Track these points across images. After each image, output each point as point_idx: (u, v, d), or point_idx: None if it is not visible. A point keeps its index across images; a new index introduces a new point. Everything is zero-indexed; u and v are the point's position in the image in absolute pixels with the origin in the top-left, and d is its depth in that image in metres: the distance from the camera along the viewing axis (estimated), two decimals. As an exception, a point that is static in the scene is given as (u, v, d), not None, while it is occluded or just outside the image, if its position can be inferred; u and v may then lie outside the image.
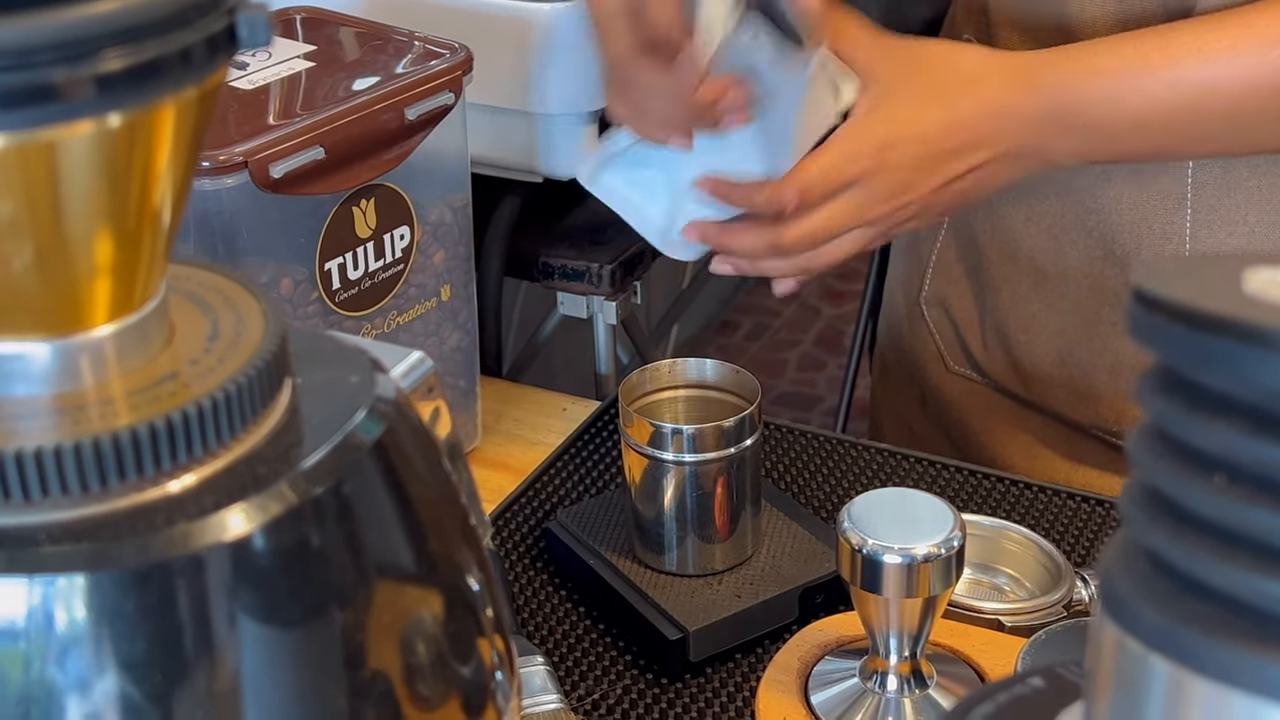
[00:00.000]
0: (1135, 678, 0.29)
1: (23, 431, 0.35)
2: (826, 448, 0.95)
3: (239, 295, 0.39)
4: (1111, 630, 0.30)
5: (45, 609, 0.35)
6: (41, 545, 0.34)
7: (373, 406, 0.39)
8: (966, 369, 1.02)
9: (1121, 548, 0.30)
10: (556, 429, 0.99)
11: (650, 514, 0.81)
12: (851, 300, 2.84)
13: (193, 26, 0.33)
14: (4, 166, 0.33)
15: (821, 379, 2.69)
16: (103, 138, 0.34)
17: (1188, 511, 0.28)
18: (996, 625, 0.72)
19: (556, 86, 1.04)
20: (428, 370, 0.43)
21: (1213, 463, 0.28)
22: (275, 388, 0.38)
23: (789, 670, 0.68)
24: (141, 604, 0.35)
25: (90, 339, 0.36)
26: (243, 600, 0.36)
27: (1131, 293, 0.29)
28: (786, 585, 0.80)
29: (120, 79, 0.33)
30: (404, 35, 0.92)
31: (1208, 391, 0.28)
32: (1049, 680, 0.36)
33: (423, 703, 0.41)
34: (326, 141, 0.81)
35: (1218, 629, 0.27)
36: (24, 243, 0.35)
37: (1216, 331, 0.27)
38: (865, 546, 0.62)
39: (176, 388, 0.36)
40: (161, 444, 0.35)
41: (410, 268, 0.89)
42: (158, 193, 0.36)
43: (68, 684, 0.35)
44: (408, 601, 0.40)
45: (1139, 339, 0.29)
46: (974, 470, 0.92)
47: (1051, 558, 0.76)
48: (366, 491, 0.38)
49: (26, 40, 0.31)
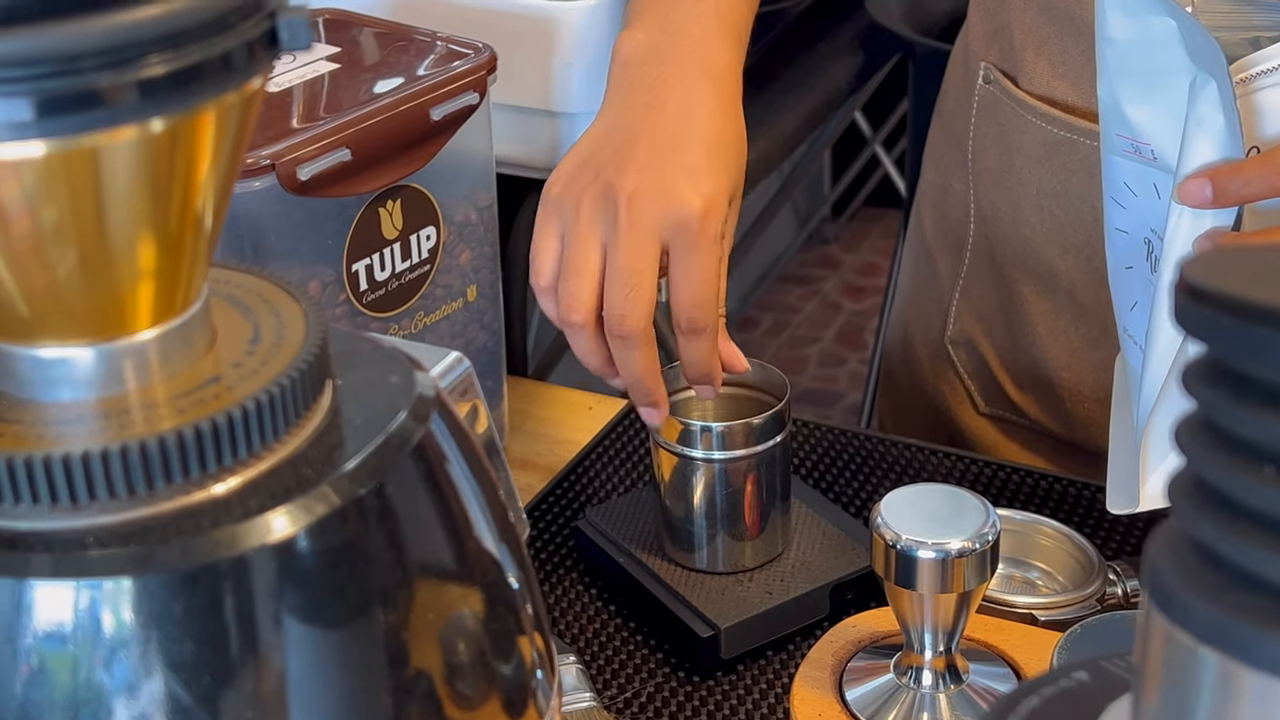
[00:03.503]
0: (1184, 671, 0.29)
1: (69, 436, 0.35)
2: (855, 443, 0.95)
3: (279, 298, 0.40)
4: (1160, 623, 0.29)
5: (93, 612, 0.35)
6: (89, 549, 0.34)
7: (413, 407, 0.39)
8: (1000, 409, 0.99)
9: (1169, 540, 0.30)
10: (583, 428, 0.99)
11: (680, 512, 0.81)
12: (872, 295, 2.84)
13: (234, 31, 0.33)
14: (49, 173, 0.33)
15: (843, 375, 2.69)
16: (146, 143, 0.34)
17: (1236, 503, 0.28)
18: (1030, 620, 0.72)
19: (580, 85, 1.04)
20: (465, 370, 0.43)
21: (1262, 454, 0.28)
22: (317, 389, 0.38)
23: (823, 666, 0.68)
24: (188, 606, 0.35)
25: (134, 343, 0.37)
26: (288, 601, 0.36)
27: (1177, 284, 0.29)
28: (817, 582, 0.80)
29: (163, 84, 0.33)
30: (427, 36, 0.93)
31: (1256, 382, 0.28)
32: (1094, 674, 0.36)
33: (465, 702, 0.41)
34: (353, 143, 0.81)
35: (1268, 620, 0.27)
36: (68, 248, 0.35)
37: (1264, 322, 0.27)
38: (899, 542, 0.62)
39: (220, 390, 0.36)
40: (206, 447, 0.35)
41: (436, 268, 0.89)
42: (199, 197, 0.36)
43: (116, 686, 0.35)
44: (450, 600, 0.40)
45: (1186, 330, 0.29)
46: (1003, 465, 0.91)
47: (1084, 551, 0.76)
48: (409, 491, 0.39)
49: (72, 46, 0.31)
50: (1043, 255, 0.92)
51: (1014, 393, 0.97)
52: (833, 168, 2.97)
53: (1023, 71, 0.91)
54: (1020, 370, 0.97)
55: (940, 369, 1.02)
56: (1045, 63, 0.89)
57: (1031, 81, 0.90)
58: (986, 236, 0.97)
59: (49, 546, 0.35)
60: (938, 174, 1.01)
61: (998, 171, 0.94)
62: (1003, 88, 0.93)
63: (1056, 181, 0.90)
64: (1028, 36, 0.90)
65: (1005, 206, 0.94)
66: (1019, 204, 0.93)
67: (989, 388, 0.99)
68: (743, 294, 2.83)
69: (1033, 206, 0.92)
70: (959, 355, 1.01)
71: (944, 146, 1.01)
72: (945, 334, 1.01)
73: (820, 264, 2.99)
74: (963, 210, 0.98)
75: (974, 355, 1.00)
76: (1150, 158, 0.72)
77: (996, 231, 0.96)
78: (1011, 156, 0.93)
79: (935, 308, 1.02)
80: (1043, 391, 0.95)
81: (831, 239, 3.04)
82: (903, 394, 1.08)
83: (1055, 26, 0.88)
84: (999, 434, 1.00)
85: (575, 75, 1.03)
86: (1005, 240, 0.95)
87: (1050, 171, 0.90)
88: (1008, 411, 0.99)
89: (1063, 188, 0.90)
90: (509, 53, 0.92)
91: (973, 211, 0.97)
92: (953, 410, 1.02)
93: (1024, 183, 0.92)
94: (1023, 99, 0.91)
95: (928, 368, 1.04)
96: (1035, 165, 0.91)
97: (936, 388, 1.03)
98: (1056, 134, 0.89)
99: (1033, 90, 0.90)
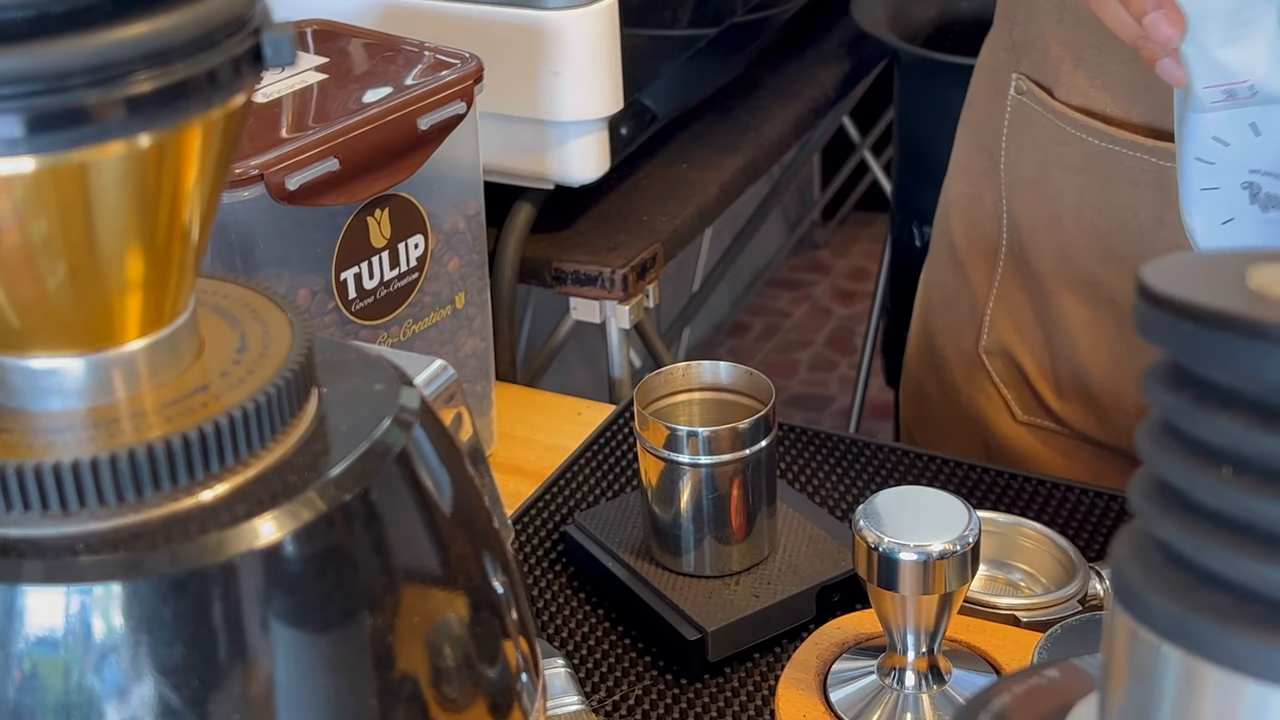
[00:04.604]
0: (1148, 667, 0.30)
1: (60, 444, 0.36)
2: (840, 448, 0.95)
3: (265, 307, 0.40)
4: (1124, 621, 0.30)
5: (83, 617, 0.35)
6: (80, 555, 0.35)
7: (398, 414, 0.40)
8: (1038, 418, 0.98)
9: (1133, 540, 0.31)
10: (571, 433, 1.00)
11: (667, 516, 0.82)
12: (862, 300, 2.85)
13: (220, 48, 0.34)
14: (38, 187, 0.34)
15: (834, 379, 2.70)
16: (133, 158, 0.35)
17: (1197, 503, 0.29)
18: (1012, 620, 0.73)
19: (566, 94, 1.05)
20: (450, 378, 0.44)
21: (1220, 455, 0.28)
22: (303, 397, 0.39)
23: (808, 668, 0.68)
24: (177, 611, 0.36)
25: (123, 353, 0.37)
26: (275, 605, 0.37)
27: (1137, 290, 0.30)
28: (803, 585, 0.80)
29: (150, 101, 0.34)
30: (414, 46, 0.93)
31: (1214, 386, 0.28)
32: (1064, 672, 0.37)
33: (450, 705, 0.42)
34: (341, 153, 0.82)
35: (1229, 618, 0.28)
36: (57, 261, 0.36)
37: (1222, 327, 0.28)
38: (881, 544, 0.63)
39: (208, 399, 0.37)
40: (195, 454, 0.36)
41: (425, 276, 0.90)
42: (186, 210, 0.37)
43: (107, 690, 0.36)
44: (435, 604, 0.41)
45: (1146, 336, 0.30)
46: (987, 468, 0.92)
47: (1066, 553, 0.77)
48: (394, 497, 0.39)
49: (63, 65, 0.32)
50: (1083, 265, 0.92)
51: (1053, 401, 0.97)
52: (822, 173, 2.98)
53: (1059, 83, 0.90)
54: (1060, 379, 0.96)
55: (975, 379, 1.01)
56: (1083, 74, 0.89)
57: (1069, 93, 0.90)
58: (1021, 246, 0.96)
59: (40, 553, 0.35)
60: (967, 184, 1.00)
61: (1033, 182, 0.94)
62: (1037, 98, 0.92)
63: (1097, 192, 0.89)
64: (1064, 48, 0.89)
65: (1042, 217, 0.94)
66: (1057, 214, 0.92)
67: (1026, 397, 0.99)
68: (733, 299, 2.83)
69: (1072, 217, 0.91)
70: (994, 365, 1.00)
71: (973, 156, 1.00)
72: (979, 344, 1.00)
73: (810, 269, 3.00)
74: (994, 220, 0.97)
75: (1010, 364, 0.99)
76: (1248, 95, 0.72)
77: (1032, 241, 0.95)
78: (1048, 167, 0.92)
79: (968, 318, 1.01)
80: (1084, 400, 0.95)
81: (821, 244, 3.05)
82: (932, 405, 1.07)
83: (1094, 37, 0.87)
84: (1037, 442, 0.99)
85: (561, 84, 1.04)
86: (1042, 250, 0.94)
87: (1090, 182, 0.90)
88: (1046, 420, 0.98)
89: (1104, 199, 0.89)
90: (495, 62, 0.93)
91: (1005, 221, 0.97)
92: (988, 420, 1.01)
93: (1062, 193, 0.92)
94: (1060, 110, 0.90)
95: (960, 378, 1.03)
96: (1074, 176, 0.90)
97: (971, 398, 1.02)
98: (1097, 145, 0.88)
99: (1070, 101, 0.90)
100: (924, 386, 1.08)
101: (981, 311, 1.00)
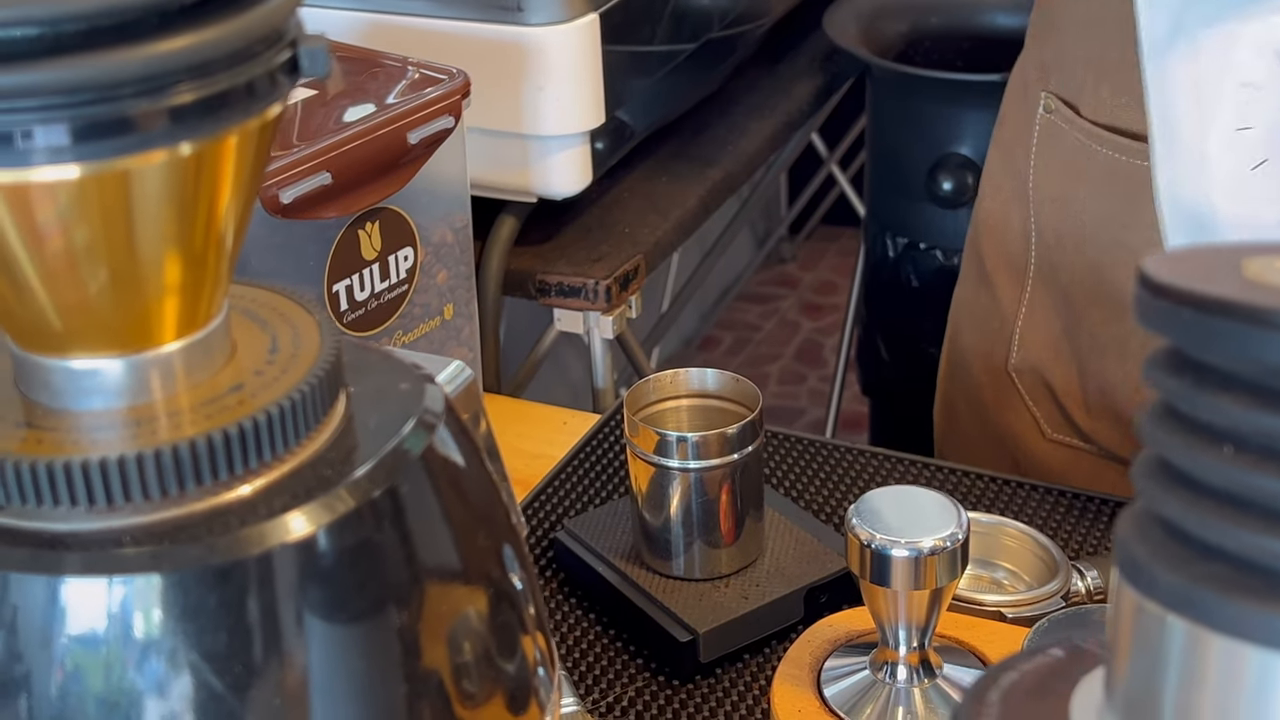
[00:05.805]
0: (1154, 638, 0.31)
1: (101, 442, 0.37)
2: (824, 453, 0.97)
3: (294, 311, 0.42)
4: (1130, 595, 0.32)
5: (126, 607, 0.37)
6: (124, 547, 0.37)
7: (423, 413, 0.41)
8: (1069, 436, 0.98)
9: (1136, 519, 0.32)
10: (558, 442, 1.01)
11: (657, 521, 0.83)
12: (831, 314, 2.87)
13: (258, 59, 0.35)
14: (82, 195, 0.35)
15: (803, 392, 2.72)
16: (174, 166, 0.36)
17: (1198, 481, 0.30)
18: (999, 617, 0.74)
19: (549, 108, 1.06)
20: (468, 378, 0.45)
21: (1220, 435, 0.30)
22: (333, 397, 0.40)
23: (801, 665, 0.70)
24: (218, 600, 0.37)
25: (160, 354, 0.39)
26: (310, 596, 0.38)
27: (1138, 279, 0.31)
28: (792, 586, 0.82)
29: (192, 110, 0.35)
30: (399, 61, 0.95)
31: (1214, 370, 0.30)
32: (1069, 651, 0.38)
33: (471, 698, 0.43)
34: (333, 167, 0.83)
35: (1230, 588, 0.30)
36: (99, 266, 0.37)
37: (1221, 314, 0.29)
38: (874, 541, 0.64)
39: (243, 398, 0.39)
40: (234, 450, 0.37)
41: (414, 288, 0.92)
42: (223, 217, 0.38)
43: (148, 677, 0.37)
44: (459, 598, 0.42)
45: (1147, 324, 0.31)
46: (968, 471, 0.94)
47: (1048, 551, 0.79)
48: (420, 493, 0.41)
49: (111, 76, 0.33)
50: (1113, 282, 0.92)
51: (1082, 418, 0.97)
52: (789, 188, 3.01)
53: (1085, 100, 0.91)
54: (1089, 396, 0.96)
55: (1005, 397, 1.02)
56: (1108, 90, 0.89)
57: (1095, 110, 0.91)
58: (1050, 264, 0.96)
59: (85, 545, 0.37)
60: (996, 203, 1.01)
61: (1061, 200, 0.94)
62: (1065, 117, 0.93)
63: (1125, 209, 0.90)
64: (1090, 65, 0.90)
65: (1070, 234, 0.94)
66: (1085, 232, 0.93)
67: (1055, 414, 0.99)
68: (702, 313, 2.85)
69: (1101, 234, 0.92)
70: (1024, 382, 1.00)
71: (1003, 175, 1.00)
72: (1009, 362, 1.01)
73: (778, 283, 3.02)
74: (1023, 238, 0.98)
75: (1040, 382, 0.99)
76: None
77: (1061, 259, 0.95)
78: (1076, 185, 0.93)
79: (998, 336, 1.02)
80: (1113, 417, 0.95)
81: (789, 258, 3.07)
82: (963, 423, 1.07)
83: (1118, 53, 0.88)
84: (1066, 460, 0.99)
85: (547, 99, 1.06)
86: (1071, 268, 0.94)
87: (1119, 199, 0.90)
88: (1075, 438, 0.98)
89: (1133, 215, 0.89)
90: (479, 77, 0.95)
91: (1034, 239, 0.97)
92: (1018, 437, 1.01)
93: (1090, 210, 0.92)
94: (1087, 128, 0.91)
95: (990, 396, 1.03)
96: (1102, 193, 0.91)
97: (1001, 415, 1.02)
98: (1125, 161, 0.89)
99: (1097, 119, 0.91)
100: (954, 404, 1.08)
101: (1011, 329, 1.00)
